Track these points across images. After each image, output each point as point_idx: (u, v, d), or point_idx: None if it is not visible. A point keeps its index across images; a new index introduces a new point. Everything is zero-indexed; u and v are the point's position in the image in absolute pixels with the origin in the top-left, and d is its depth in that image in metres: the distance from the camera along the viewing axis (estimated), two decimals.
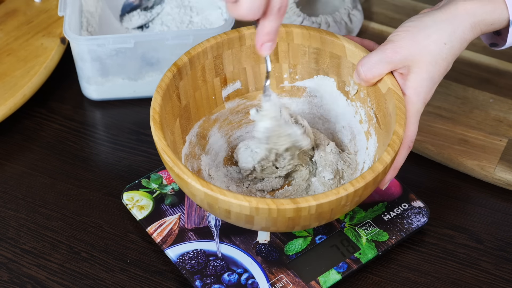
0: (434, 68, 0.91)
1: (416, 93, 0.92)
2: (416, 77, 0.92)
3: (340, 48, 0.99)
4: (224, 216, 0.89)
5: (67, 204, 1.04)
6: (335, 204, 0.86)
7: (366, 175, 0.87)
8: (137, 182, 1.03)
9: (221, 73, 1.02)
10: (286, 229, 0.90)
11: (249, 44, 1.01)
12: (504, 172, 1.04)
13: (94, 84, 1.14)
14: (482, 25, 0.92)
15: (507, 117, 1.10)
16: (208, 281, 0.94)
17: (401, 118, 0.90)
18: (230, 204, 0.86)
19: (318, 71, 1.03)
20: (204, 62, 1.00)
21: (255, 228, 0.91)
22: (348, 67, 1.00)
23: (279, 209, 0.85)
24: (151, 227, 0.99)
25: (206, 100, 1.02)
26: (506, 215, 1.03)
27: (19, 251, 0.99)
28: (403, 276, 0.97)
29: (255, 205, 0.85)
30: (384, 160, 0.88)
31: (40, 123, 1.14)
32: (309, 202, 0.85)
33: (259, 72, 1.04)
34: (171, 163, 0.89)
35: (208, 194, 0.86)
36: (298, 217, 0.86)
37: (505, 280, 0.96)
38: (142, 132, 1.12)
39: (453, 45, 0.91)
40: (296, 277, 0.94)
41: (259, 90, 1.05)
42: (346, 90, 1.01)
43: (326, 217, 0.89)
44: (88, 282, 0.96)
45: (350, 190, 0.86)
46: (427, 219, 0.99)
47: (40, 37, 1.18)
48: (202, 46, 0.99)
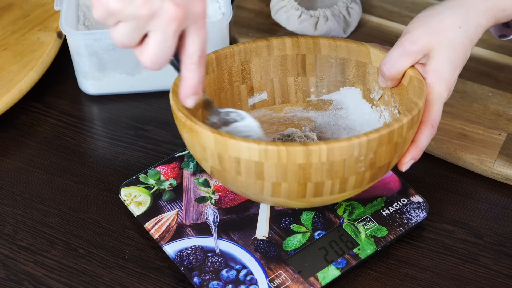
0: (451, 51, 0.92)
1: (437, 76, 0.92)
2: (435, 61, 0.92)
3: (365, 54, 0.99)
4: (234, 171, 0.88)
5: (64, 200, 1.04)
6: (348, 153, 0.85)
7: (380, 129, 0.86)
8: (134, 178, 1.03)
9: (248, 81, 1.02)
10: (298, 187, 0.88)
11: (277, 54, 1.02)
12: (503, 167, 1.04)
13: (91, 79, 1.14)
14: (495, 10, 0.92)
15: (506, 111, 1.10)
16: (206, 277, 0.93)
17: (420, 93, 0.90)
18: (240, 148, 0.85)
19: (344, 82, 1.03)
20: (232, 65, 1.00)
21: (266, 189, 0.89)
22: (374, 73, 1.00)
23: (288, 150, 0.84)
24: (149, 223, 0.98)
25: (232, 104, 1.02)
26: (505, 210, 1.02)
27: (16, 248, 0.99)
28: (402, 272, 0.97)
29: (264, 146, 0.84)
30: (400, 119, 0.87)
31: (36, 118, 1.13)
32: (319, 145, 0.84)
33: (286, 85, 1.04)
34: (183, 118, 0.88)
35: (218, 140, 0.85)
36: (308, 164, 0.85)
37: (504, 275, 0.96)
38: (140, 127, 1.12)
39: (468, 28, 0.92)
40: (294, 273, 0.94)
41: (286, 103, 1.05)
42: (371, 97, 1.01)
43: (339, 173, 0.87)
44: (86, 279, 0.96)
45: (363, 139, 0.84)
46: (426, 214, 0.99)
47: (37, 31, 1.18)
48: (229, 48, 1.00)
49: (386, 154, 0.88)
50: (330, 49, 1.02)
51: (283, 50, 1.02)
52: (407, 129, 0.88)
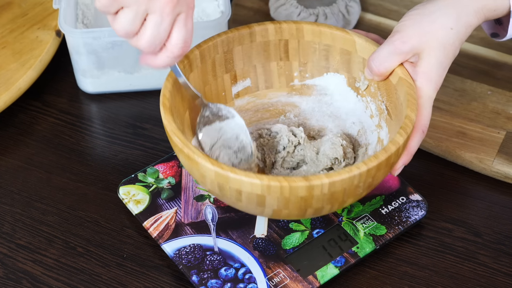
0: (442, 53, 0.92)
1: (427, 78, 0.92)
2: (426, 63, 0.92)
3: (350, 43, 0.99)
4: (235, 198, 0.88)
5: (62, 198, 1.03)
6: (348, 183, 0.85)
7: (378, 155, 0.86)
8: (133, 176, 1.02)
9: (231, 69, 1.01)
10: (298, 211, 0.89)
11: (259, 40, 1.01)
12: (502, 165, 1.04)
13: (90, 77, 1.14)
14: (485, 10, 0.92)
15: (505, 109, 1.10)
16: (205, 276, 0.93)
17: (412, 103, 0.90)
18: (241, 182, 0.85)
19: (329, 68, 1.02)
20: (215, 56, 0.99)
21: (266, 213, 0.89)
22: (359, 62, 0.99)
23: (291, 187, 0.84)
24: (147, 222, 0.98)
25: (216, 96, 1.01)
26: (504, 208, 1.02)
27: (15, 246, 0.99)
28: (401, 270, 0.97)
29: (267, 183, 0.84)
30: (396, 141, 0.87)
31: (35, 117, 1.13)
32: (321, 180, 0.84)
33: (269, 70, 1.03)
34: (181, 144, 0.88)
35: (219, 173, 0.85)
36: (310, 196, 0.85)
37: (503, 274, 0.96)
38: (139, 126, 1.12)
39: (459, 29, 0.92)
40: (293, 272, 0.94)
41: (269, 88, 1.04)
42: (356, 86, 1.01)
43: (339, 199, 0.88)
44: (84, 277, 0.96)
45: (363, 169, 0.85)
46: (425, 212, 0.99)
47: (35, 30, 1.18)
48: (212, 40, 0.99)
49: (383, 174, 0.89)
50: (314, 35, 1.01)
51: (265, 36, 1.01)
52: (403, 148, 0.89)
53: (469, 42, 1.18)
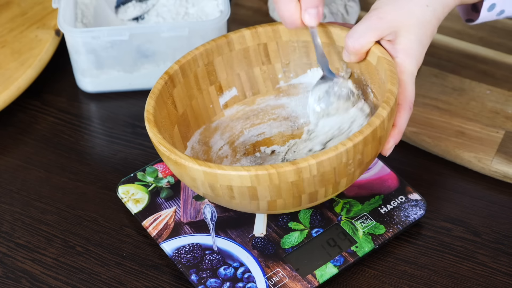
0: (420, 30, 0.91)
1: (407, 54, 0.92)
2: (405, 40, 0.92)
3: (327, 34, 0.99)
4: (228, 196, 0.88)
5: (62, 198, 1.04)
6: (336, 161, 0.85)
7: (363, 130, 0.86)
8: (132, 176, 1.03)
9: (215, 81, 1.01)
10: (293, 199, 0.88)
11: (238, 48, 1.01)
12: (501, 164, 1.04)
13: (89, 76, 1.14)
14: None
15: (504, 108, 1.10)
16: (204, 275, 0.93)
17: (392, 77, 0.90)
18: (230, 178, 0.85)
19: (311, 64, 1.02)
20: (196, 70, 0.99)
21: (262, 206, 0.89)
22: (338, 52, 0.99)
23: (279, 172, 0.84)
24: (146, 221, 0.98)
25: (204, 109, 1.02)
26: (503, 208, 1.02)
27: (14, 246, 0.99)
28: (400, 269, 0.97)
29: (255, 173, 0.84)
30: (380, 115, 0.87)
31: (34, 116, 1.13)
32: (308, 161, 0.84)
33: (254, 76, 1.03)
34: (167, 152, 0.88)
35: (207, 172, 0.85)
36: (300, 180, 0.85)
37: (502, 273, 0.96)
38: (138, 125, 1.12)
39: (435, 7, 0.92)
40: (292, 271, 0.94)
41: (256, 94, 1.04)
42: (340, 75, 1.01)
43: (331, 180, 0.87)
44: (83, 277, 0.96)
45: (349, 145, 0.85)
46: (424, 211, 0.99)
47: (35, 29, 1.18)
48: (191, 54, 0.99)
49: (372, 150, 0.89)
50: (290, 33, 1.00)
51: (243, 43, 1.01)
52: (388, 120, 0.88)
53: (468, 42, 1.19)
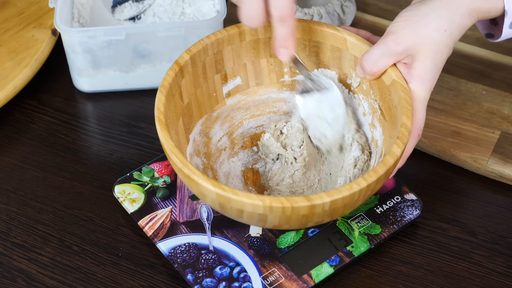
0: (436, 55, 0.92)
1: (421, 80, 0.92)
2: (420, 66, 0.92)
3: (341, 41, 0.99)
4: (236, 215, 0.88)
5: (58, 197, 1.03)
6: (349, 199, 0.86)
7: (377, 169, 0.86)
8: (128, 175, 1.03)
9: (221, 69, 1.01)
10: (299, 226, 0.90)
11: (249, 39, 1.01)
12: (497, 165, 1.04)
13: (86, 76, 1.14)
14: (479, 13, 0.93)
15: (500, 109, 1.10)
16: (200, 274, 0.93)
17: (408, 110, 0.90)
18: (243, 204, 0.85)
19: (319, 64, 1.02)
20: (205, 59, 0.99)
21: (268, 227, 0.90)
22: (350, 59, 0.99)
23: (293, 207, 0.84)
24: (142, 220, 0.98)
25: (208, 97, 1.01)
26: (498, 208, 1.03)
27: (10, 245, 0.99)
28: (396, 269, 0.97)
29: (269, 204, 0.84)
30: (394, 153, 0.88)
31: (31, 115, 1.13)
32: (323, 199, 0.84)
33: (259, 67, 1.03)
34: (180, 164, 0.87)
35: (220, 194, 0.85)
36: (311, 214, 0.86)
37: (497, 273, 0.96)
38: (134, 125, 1.12)
39: (453, 31, 0.92)
40: (288, 271, 0.94)
41: (260, 85, 1.04)
42: (348, 82, 1.01)
43: (339, 213, 0.88)
44: (80, 276, 0.96)
45: (363, 185, 0.85)
46: (419, 212, 0.99)
47: (31, 28, 1.18)
48: (202, 43, 0.98)
49: (380, 185, 0.90)
50: (304, 32, 1.00)
51: (255, 35, 1.01)
52: (400, 157, 0.89)
53: (464, 42, 1.19)
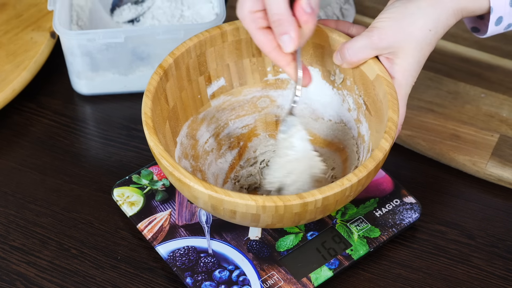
0: (419, 53, 0.93)
1: (404, 76, 0.93)
2: (403, 62, 0.93)
3: (323, 37, 0.99)
4: (228, 216, 0.88)
5: (56, 200, 1.03)
6: (340, 195, 0.86)
7: (367, 164, 0.87)
8: (127, 178, 1.02)
9: (205, 71, 1.01)
10: (292, 224, 0.90)
11: (231, 40, 1.01)
12: (496, 168, 1.04)
13: (85, 79, 1.14)
14: (464, 12, 0.94)
15: (499, 112, 1.10)
16: (199, 278, 0.93)
17: (393, 104, 0.91)
18: (236, 204, 0.85)
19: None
20: (188, 61, 0.99)
21: (260, 226, 0.90)
22: (332, 56, 0.99)
23: (286, 206, 0.85)
24: (141, 224, 0.98)
25: (192, 100, 1.01)
26: (497, 211, 1.03)
27: (8, 248, 0.99)
28: (395, 273, 0.97)
29: (262, 204, 0.84)
30: (383, 148, 0.88)
31: (29, 118, 1.13)
32: (315, 196, 0.85)
33: (243, 67, 1.03)
34: (170, 168, 0.88)
35: (213, 196, 0.86)
36: (304, 211, 0.86)
37: (496, 276, 0.96)
38: (133, 128, 1.12)
39: (437, 30, 0.93)
40: (287, 274, 0.94)
41: (243, 85, 1.04)
42: (331, 79, 1.01)
43: (331, 209, 0.89)
44: (78, 279, 0.96)
45: (354, 181, 0.86)
46: (418, 215, 0.99)
47: (30, 31, 1.18)
48: (185, 46, 0.98)
49: (371, 179, 0.90)
50: None
51: (237, 35, 1.01)
52: (388, 151, 0.89)
53: (463, 45, 1.19)
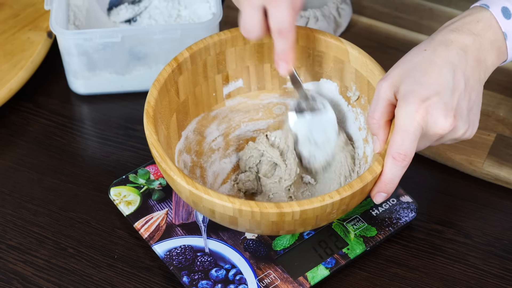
0: (419, 72, 0.89)
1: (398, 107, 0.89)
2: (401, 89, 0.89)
3: (343, 53, 0.99)
4: (209, 215, 0.89)
5: (54, 199, 1.03)
6: (320, 211, 0.86)
7: (353, 184, 0.86)
8: (124, 177, 1.03)
9: (223, 70, 1.02)
10: (271, 232, 0.90)
11: (253, 43, 1.01)
12: (493, 167, 1.04)
13: (81, 78, 1.14)
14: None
15: (496, 111, 1.10)
16: (195, 277, 0.93)
17: None
18: (214, 204, 0.86)
19: (322, 74, 1.02)
20: (206, 58, 0.99)
21: (240, 229, 0.91)
22: (351, 72, 0.99)
23: (262, 213, 0.85)
24: (138, 223, 0.98)
25: (206, 97, 1.02)
26: (494, 210, 1.03)
27: (5, 247, 0.99)
28: (391, 272, 0.97)
29: (238, 207, 0.85)
30: (373, 170, 0.87)
31: (26, 118, 1.13)
32: (292, 208, 0.85)
33: (262, 72, 1.04)
34: (159, 158, 0.89)
35: (193, 192, 0.86)
36: (281, 221, 0.86)
37: (493, 275, 0.97)
38: (130, 127, 1.12)
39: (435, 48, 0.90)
40: (284, 273, 0.94)
41: (261, 89, 1.05)
42: (347, 95, 1.01)
43: (311, 223, 0.89)
44: (75, 278, 0.96)
45: (336, 198, 0.86)
46: (415, 214, 0.99)
47: (27, 31, 1.18)
48: (204, 42, 0.99)
49: (358, 201, 0.90)
50: (308, 40, 1.00)
51: (260, 39, 1.01)
52: (379, 175, 0.89)
53: None
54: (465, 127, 0.88)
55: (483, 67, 0.89)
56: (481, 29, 0.89)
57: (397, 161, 0.87)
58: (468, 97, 0.88)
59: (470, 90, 0.88)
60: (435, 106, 0.85)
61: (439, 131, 0.86)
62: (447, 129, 0.86)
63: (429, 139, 0.89)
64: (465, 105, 0.87)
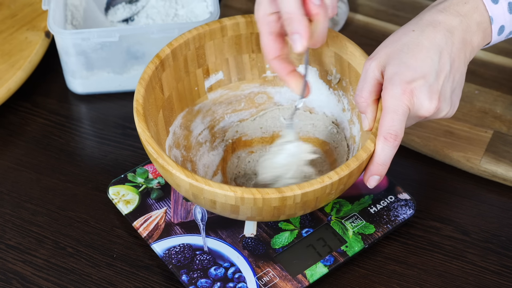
0: (406, 54, 0.90)
1: (385, 86, 0.90)
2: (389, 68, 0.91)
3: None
4: (209, 206, 0.89)
5: (52, 199, 1.04)
6: (320, 192, 0.87)
7: (350, 163, 0.87)
8: (123, 177, 1.03)
9: (203, 64, 1.02)
10: (271, 218, 0.90)
11: (231, 34, 1.01)
12: (490, 164, 1.04)
13: (79, 78, 1.14)
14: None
15: (492, 108, 1.10)
16: (194, 275, 0.93)
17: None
18: (216, 194, 0.86)
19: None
20: (187, 53, 1.00)
21: (240, 218, 0.91)
22: (330, 56, 1.00)
23: (264, 199, 0.85)
24: (137, 222, 0.98)
25: (189, 91, 1.02)
26: (491, 207, 1.03)
27: (4, 247, 0.99)
28: (390, 269, 0.97)
29: (241, 195, 0.85)
30: (367, 148, 0.88)
31: (25, 118, 1.13)
32: (294, 191, 0.85)
33: (242, 63, 1.04)
34: (155, 154, 0.89)
35: (193, 185, 0.86)
36: (283, 206, 0.87)
37: (491, 272, 0.97)
38: (128, 126, 1.12)
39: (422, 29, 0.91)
40: (283, 271, 0.94)
41: (242, 80, 1.05)
42: (328, 79, 1.01)
43: (311, 205, 0.89)
44: (74, 278, 0.96)
45: (335, 178, 0.86)
46: (413, 211, 0.99)
47: (25, 31, 1.18)
48: (184, 38, 0.99)
49: (354, 180, 0.91)
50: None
51: (236, 30, 1.01)
52: (374, 152, 0.89)
53: None
54: (447, 108, 0.91)
55: (468, 48, 0.91)
56: (468, 10, 0.90)
57: (388, 141, 0.88)
58: (452, 78, 0.90)
59: (454, 71, 0.90)
60: (421, 89, 0.87)
61: (424, 113, 0.89)
62: (432, 111, 0.89)
63: (414, 119, 0.91)
64: (449, 87, 0.90)
